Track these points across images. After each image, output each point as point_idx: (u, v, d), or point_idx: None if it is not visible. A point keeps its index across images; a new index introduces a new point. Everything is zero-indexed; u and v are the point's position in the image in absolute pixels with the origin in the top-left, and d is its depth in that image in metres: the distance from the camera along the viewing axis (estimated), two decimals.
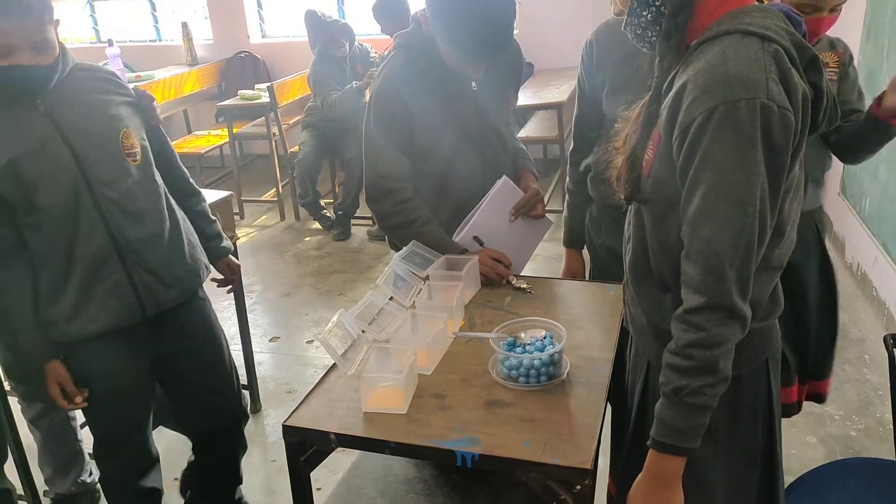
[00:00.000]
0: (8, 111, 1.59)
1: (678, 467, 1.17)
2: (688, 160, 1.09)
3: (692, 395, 1.11)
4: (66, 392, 1.74)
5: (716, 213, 1.07)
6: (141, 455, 1.96)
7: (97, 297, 1.71)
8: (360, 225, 4.85)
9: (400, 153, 1.90)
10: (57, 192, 1.63)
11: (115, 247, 1.70)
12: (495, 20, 1.71)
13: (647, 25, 1.18)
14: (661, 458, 1.17)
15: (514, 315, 1.71)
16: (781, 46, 1.08)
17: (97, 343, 1.74)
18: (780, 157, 1.07)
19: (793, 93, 1.07)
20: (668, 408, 1.14)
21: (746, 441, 1.29)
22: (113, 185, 1.68)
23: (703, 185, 1.07)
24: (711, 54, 1.09)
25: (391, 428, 1.34)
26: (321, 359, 3.25)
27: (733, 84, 1.04)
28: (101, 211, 1.67)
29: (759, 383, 1.28)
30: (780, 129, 1.05)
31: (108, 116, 1.70)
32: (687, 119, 1.08)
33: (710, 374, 1.11)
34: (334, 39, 4.51)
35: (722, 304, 1.08)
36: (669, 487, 1.19)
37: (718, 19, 1.12)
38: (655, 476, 1.19)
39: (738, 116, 1.03)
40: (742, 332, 1.12)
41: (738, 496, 1.32)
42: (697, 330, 1.10)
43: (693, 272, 1.10)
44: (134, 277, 1.74)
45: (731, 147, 1.04)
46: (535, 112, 4.88)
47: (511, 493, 1.60)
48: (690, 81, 1.09)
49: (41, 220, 1.65)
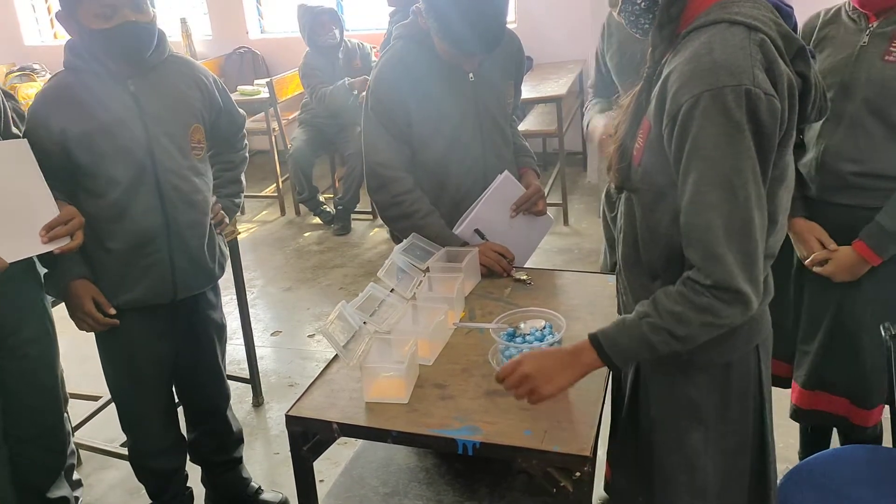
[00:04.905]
0: (100, 83, 1.73)
1: (590, 365, 1.23)
2: (678, 149, 1.10)
3: (652, 329, 1.15)
4: (100, 307, 1.81)
5: (708, 200, 1.08)
6: (158, 436, 2.05)
7: (137, 270, 1.82)
8: (360, 220, 4.86)
9: (398, 142, 1.91)
10: (124, 168, 1.76)
11: (166, 228, 1.82)
12: (487, 14, 1.72)
13: (641, 13, 1.19)
14: (587, 346, 1.22)
15: (514, 306, 1.72)
16: (768, 36, 1.09)
17: (125, 315, 1.85)
18: (769, 142, 1.08)
19: (779, 81, 1.08)
20: (626, 322, 1.19)
21: (737, 428, 1.30)
22: (176, 172, 1.82)
23: (694, 173, 1.09)
24: (698, 43, 1.10)
25: (393, 417, 1.36)
26: (323, 352, 3.26)
27: (719, 71, 1.05)
28: (161, 193, 1.80)
29: (750, 370, 1.29)
30: (767, 114, 1.06)
31: (185, 110, 1.85)
32: (674, 107, 1.09)
33: (680, 327, 1.13)
34: (321, 24, 4.44)
35: (728, 286, 1.09)
36: (568, 371, 1.24)
37: (707, 9, 1.14)
38: (570, 354, 1.24)
39: (725, 103, 1.05)
40: (743, 316, 1.13)
41: (730, 484, 1.32)
42: (699, 296, 1.11)
43: (695, 258, 1.12)
44: (174, 259, 1.85)
45: (719, 133, 1.06)
46: (534, 106, 4.87)
47: (512, 480, 1.62)
48: (676, 70, 1.10)
49: (105, 189, 1.77)
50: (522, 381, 1.25)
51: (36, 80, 5.68)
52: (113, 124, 1.74)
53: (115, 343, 1.92)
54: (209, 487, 2.29)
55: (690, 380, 1.28)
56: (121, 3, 1.65)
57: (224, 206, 2.08)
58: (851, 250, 1.73)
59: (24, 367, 1.80)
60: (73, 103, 1.72)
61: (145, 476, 2.12)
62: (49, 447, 1.92)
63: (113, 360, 1.96)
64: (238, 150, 2.15)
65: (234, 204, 2.15)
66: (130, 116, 1.76)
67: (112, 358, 1.96)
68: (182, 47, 6.10)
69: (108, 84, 1.75)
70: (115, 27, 1.65)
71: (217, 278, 2.05)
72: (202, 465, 2.26)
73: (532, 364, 1.25)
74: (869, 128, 1.69)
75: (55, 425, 1.94)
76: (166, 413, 2.07)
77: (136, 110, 1.77)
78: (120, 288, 1.84)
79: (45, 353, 1.86)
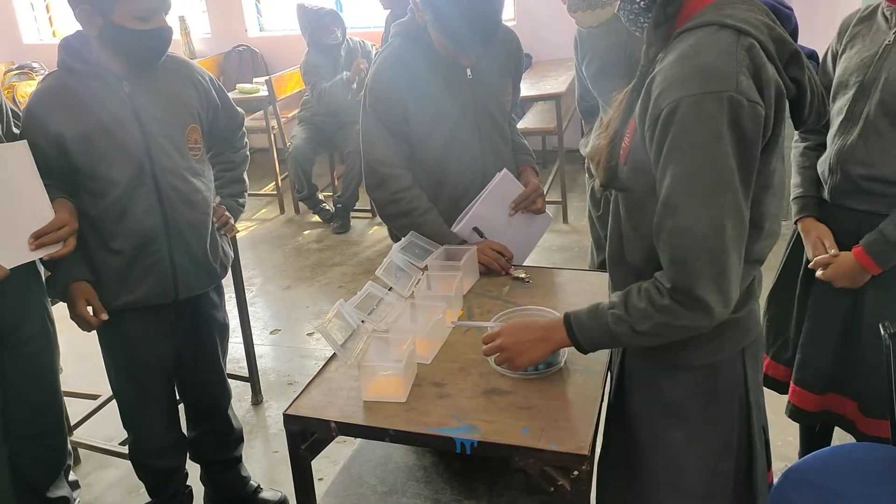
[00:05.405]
0: (94, 83, 1.74)
1: (560, 342, 1.30)
2: (657, 152, 1.10)
3: (616, 321, 1.19)
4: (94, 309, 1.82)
5: (678, 205, 1.08)
6: (160, 435, 2.06)
7: (139, 271, 1.83)
8: (359, 218, 4.85)
9: (396, 139, 1.91)
10: (122, 168, 1.76)
11: (166, 228, 1.82)
12: (483, 8, 1.72)
13: (640, 12, 1.19)
14: (560, 325, 1.28)
15: (513, 304, 1.72)
16: (758, 41, 1.08)
17: (127, 315, 1.86)
18: (751, 149, 1.07)
19: (765, 87, 1.07)
20: (597, 309, 1.23)
21: (722, 429, 1.29)
22: (174, 171, 1.83)
23: (669, 177, 1.09)
24: (685, 45, 1.10)
25: (391, 416, 1.36)
26: (322, 351, 3.27)
27: (702, 77, 1.05)
28: (160, 193, 1.80)
29: (735, 372, 1.28)
30: (749, 122, 1.05)
31: (181, 110, 1.86)
32: (656, 110, 1.09)
33: (641, 323, 1.15)
34: (324, 26, 4.47)
35: (689, 292, 1.10)
36: (541, 345, 1.32)
37: (702, 10, 1.13)
38: (544, 329, 1.32)
39: (705, 109, 1.04)
40: (708, 323, 1.13)
41: (714, 486, 1.32)
42: (662, 297, 1.13)
43: (662, 260, 1.13)
44: (175, 259, 1.85)
45: (697, 139, 1.05)
46: (533, 103, 4.87)
47: (510, 479, 1.62)
48: (661, 72, 1.10)
49: (104, 189, 1.77)
50: (500, 351, 1.35)
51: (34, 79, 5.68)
52: (109, 125, 1.74)
53: (118, 342, 1.93)
54: (208, 486, 2.29)
55: (673, 379, 1.28)
56: (159, 6, 1.70)
57: (228, 206, 2.08)
58: (851, 257, 1.70)
59: (24, 365, 1.80)
60: (68, 104, 1.72)
61: (146, 474, 2.12)
62: (49, 445, 1.93)
63: (115, 358, 1.97)
64: (238, 150, 2.15)
65: (238, 204, 2.15)
66: (126, 117, 1.76)
67: (114, 356, 1.97)
68: (181, 45, 6.10)
69: (103, 85, 1.75)
70: (154, 30, 1.70)
71: (220, 278, 2.05)
72: (202, 464, 2.27)
73: (509, 337, 1.34)
74: (882, 131, 1.64)
75: (55, 423, 1.94)
76: (168, 411, 2.07)
77: (132, 111, 1.77)
78: (123, 288, 1.84)
79: (46, 351, 1.86)
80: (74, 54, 1.74)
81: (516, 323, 1.40)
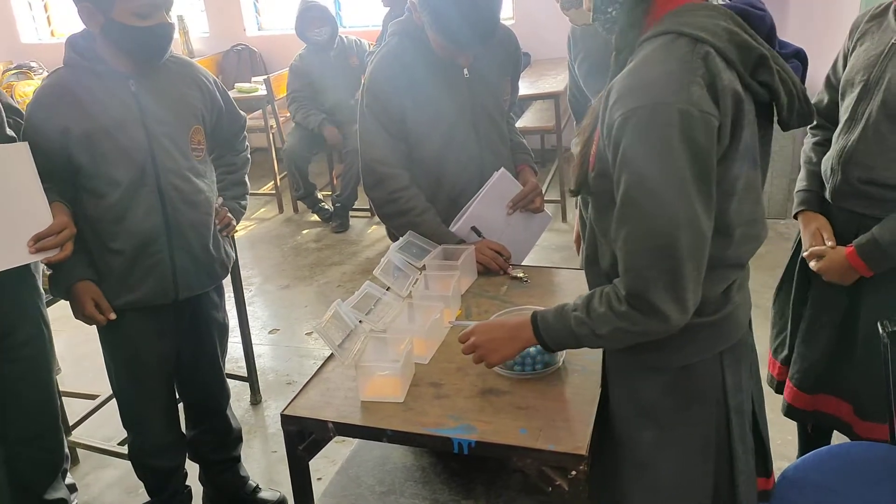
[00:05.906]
0: (100, 82, 1.74)
1: (529, 340, 1.31)
2: (612, 161, 1.11)
3: (578, 323, 1.21)
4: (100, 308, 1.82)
5: (630, 214, 1.09)
6: (159, 434, 2.06)
7: (139, 271, 1.83)
8: (358, 217, 4.85)
9: (394, 138, 1.91)
10: (124, 168, 1.76)
11: (167, 228, 1.82)
12: (481, 9, 1.72)
13: (614, 20, 1.19)
14: (528, 323, 1.29)
15: (510, 304, 1.72)
16: (715, 48, 1.07)
17: (128, 314, 1.86)
18: (705, 160, 1.06)
19: (721, 96, 1.06)
20: (563, 310, 1.25)
21: (699, 431, 1.28)
22: (176, 172, 1.83)
23: (623, 186, 1.09)
24: (641, 56, 1.10)
25: (388, 416, 1.36)
26: (320, 350, 3.26)
27: (653, 88, 1.05)
28: (162, 194, 1.80)
29: (712, 375, 1.27)
30: (701, 133, 1.04)
31: (186, 111, 1.86)
32: (609, 121, 1.09)
33: (601, 327, 1.17)
34: (309, 19, 4.43)
35: (643, 299, 1.10)
36: (511, 343, 1.33)
37: (661, 18, 1.13)
38: (514, 328, 1.33)
39: (655, 121, 1.04)
40: (665, 329, 1.13)
41: (689, 488, 1.30)
42: (620, 303, 1.14)
43: (619, 266, 1.14)
44: (176, 259, 1.86)
45: (647, 151, 1.05)
46: (532, 102, 4.87)
47: (508, 479, 1.61)
48: (617, 82, 1.10)
49: (105, 190, 1.77)
50: (473, 349, 1.37)
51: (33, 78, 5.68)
52: (114, 124, 1.74)
53: (118, 341, 1.93)
54: (207, 486, 2.29)
55: (647, 379, 1.28)
56: (160, 3, 1.70)
57: (230, 208, 2.09)
58: (843, 255, 1.69)
59: (20, 368, 1.80)
60: (73, 103, 1.72)
61: (145, 474, 2.12)
62: (46, 447, 1.92)
63: (115, 358, 1.97)
64: (239, 152, 2.15)
65: (240, 206, 2.15)
66: (131, 117, 1.76)
67: (115, 356, 1.97)
68: (179, 44, 6.09)
69: (109, 83, 1.75)
70: (154, 26, 1.70)
71: (220, 279, 2.06)
72: (201, 464, 2.27)
73: (481, 336, 1.36)
74: (884, 132, 1.61)
75: (52, 425, 1.94)
76: (167, 411, 2.07)
77: (137, 110, 1.77)
78: (123, 288, 1.84)
79: (41, 354, 1.86)
80: (81, 51, 1.74)
81: (488, 322, 1.42)
